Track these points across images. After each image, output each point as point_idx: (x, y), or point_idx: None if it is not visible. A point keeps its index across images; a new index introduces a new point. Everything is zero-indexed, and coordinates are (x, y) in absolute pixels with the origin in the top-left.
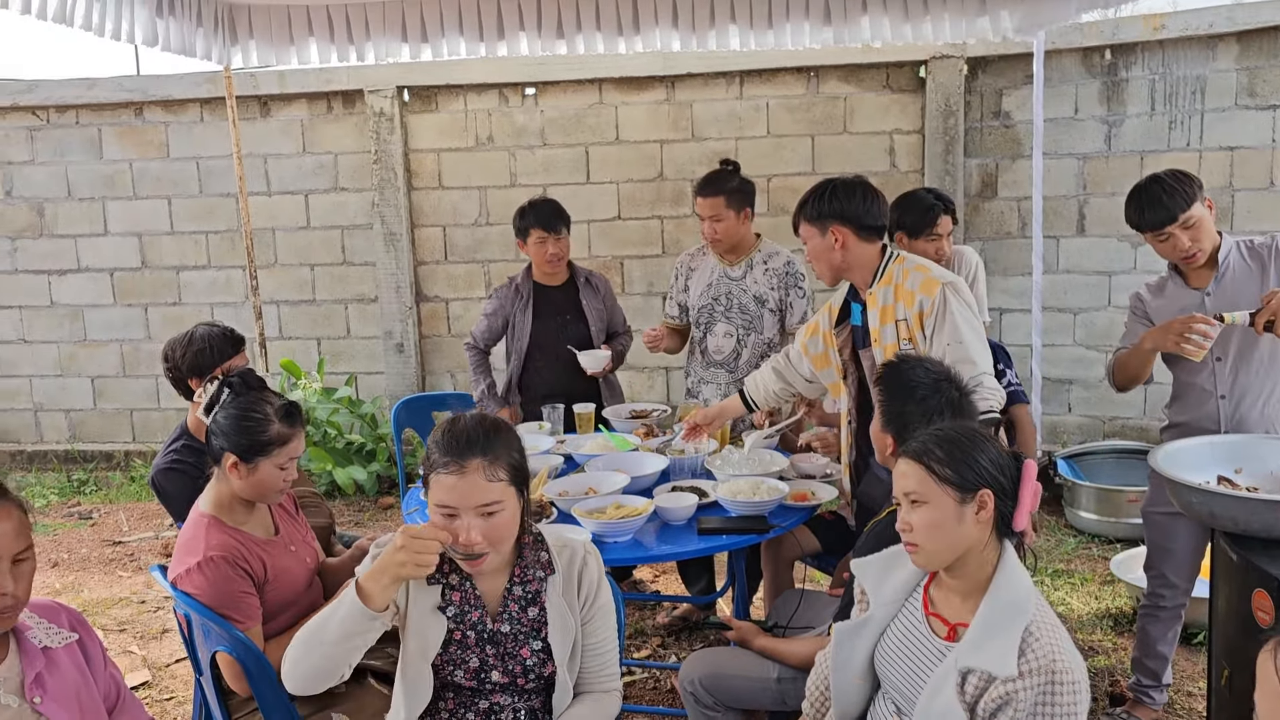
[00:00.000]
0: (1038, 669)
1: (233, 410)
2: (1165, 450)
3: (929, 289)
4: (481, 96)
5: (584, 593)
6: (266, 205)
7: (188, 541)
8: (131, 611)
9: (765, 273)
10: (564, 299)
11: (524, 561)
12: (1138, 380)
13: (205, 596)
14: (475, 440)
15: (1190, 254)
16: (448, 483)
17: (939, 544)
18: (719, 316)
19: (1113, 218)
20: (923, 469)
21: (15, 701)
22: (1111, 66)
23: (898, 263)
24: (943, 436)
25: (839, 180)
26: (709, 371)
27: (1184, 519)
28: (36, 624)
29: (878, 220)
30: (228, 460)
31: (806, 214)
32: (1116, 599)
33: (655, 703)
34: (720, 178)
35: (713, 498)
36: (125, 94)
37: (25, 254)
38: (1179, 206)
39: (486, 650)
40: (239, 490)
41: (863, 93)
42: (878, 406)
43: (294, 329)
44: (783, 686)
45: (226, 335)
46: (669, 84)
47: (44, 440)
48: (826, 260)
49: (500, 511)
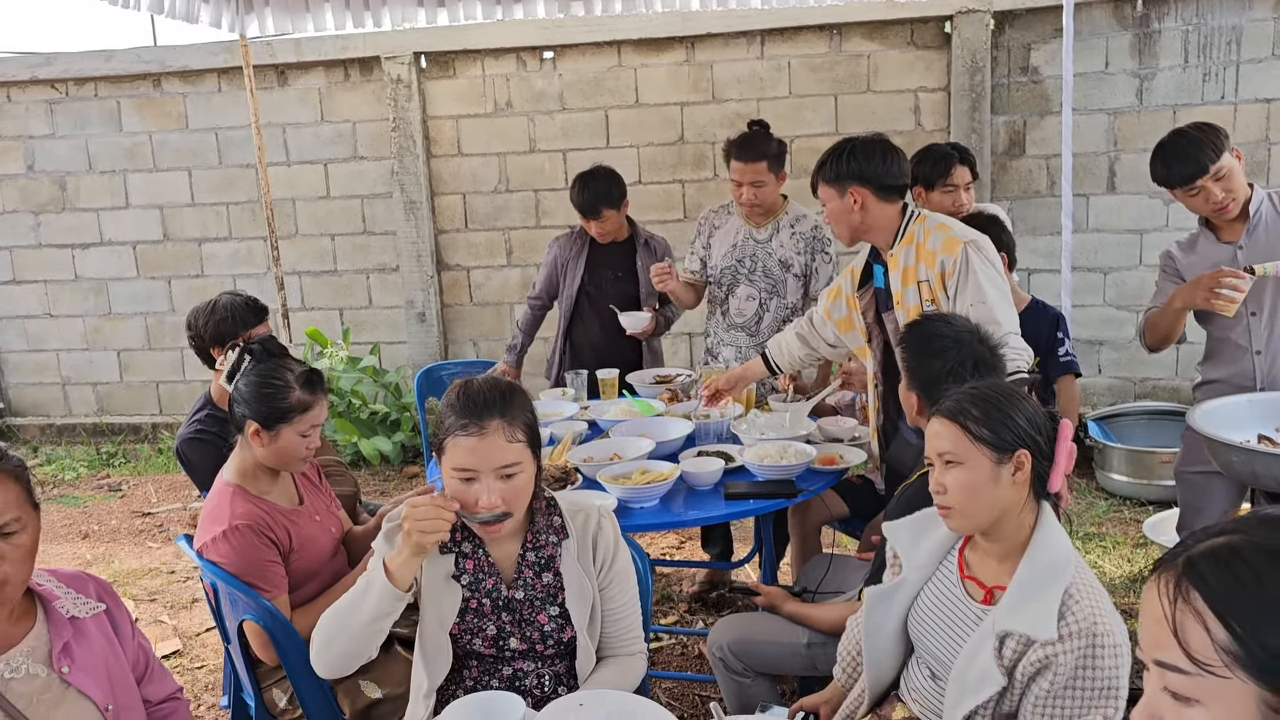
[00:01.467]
0: (1078, 632)
1: (254, 377)
2: (1203, 409)
3: (950, 248)
4: (499, 61)
5: (600, 557)
6: (286, 175)
7: (212, 510)
8: (161, 581)
9: (792, 236)
10: (619, 256)
11: (535, 527)
12: (1169, 340)
13: (231, 565)
14: (493, 402)
15: (1223, 205)
16: (467, 445)
17: (975, 506)
18: (742, 279)
19: (1144, 174)
20: (958, 428)
21: (43, 671)
22: (1144, 18)
23: (918, 222)
24: (978, 395)
25: (857, 139)
26: (730, 334)
27: (1218, 478)
28: (64, 594)
29: (898, 180)
30: (250, 427)
31: (824, 175)
32: (1149, 562)
33: (683, 668)
34: (759, 140)
35: (739, 462)
36: (143, 65)
37: (49, 228)
38: (1209, 158)
39: (503, 617)
40: (262, 458)
41: (887, 50)
42: (902, 366)
43: (316, 300)
44: (813, 652)
45: (249, 304)
46: (689, 45)
47: (72, 414)
48: (845, 222)
49: (520, 473)
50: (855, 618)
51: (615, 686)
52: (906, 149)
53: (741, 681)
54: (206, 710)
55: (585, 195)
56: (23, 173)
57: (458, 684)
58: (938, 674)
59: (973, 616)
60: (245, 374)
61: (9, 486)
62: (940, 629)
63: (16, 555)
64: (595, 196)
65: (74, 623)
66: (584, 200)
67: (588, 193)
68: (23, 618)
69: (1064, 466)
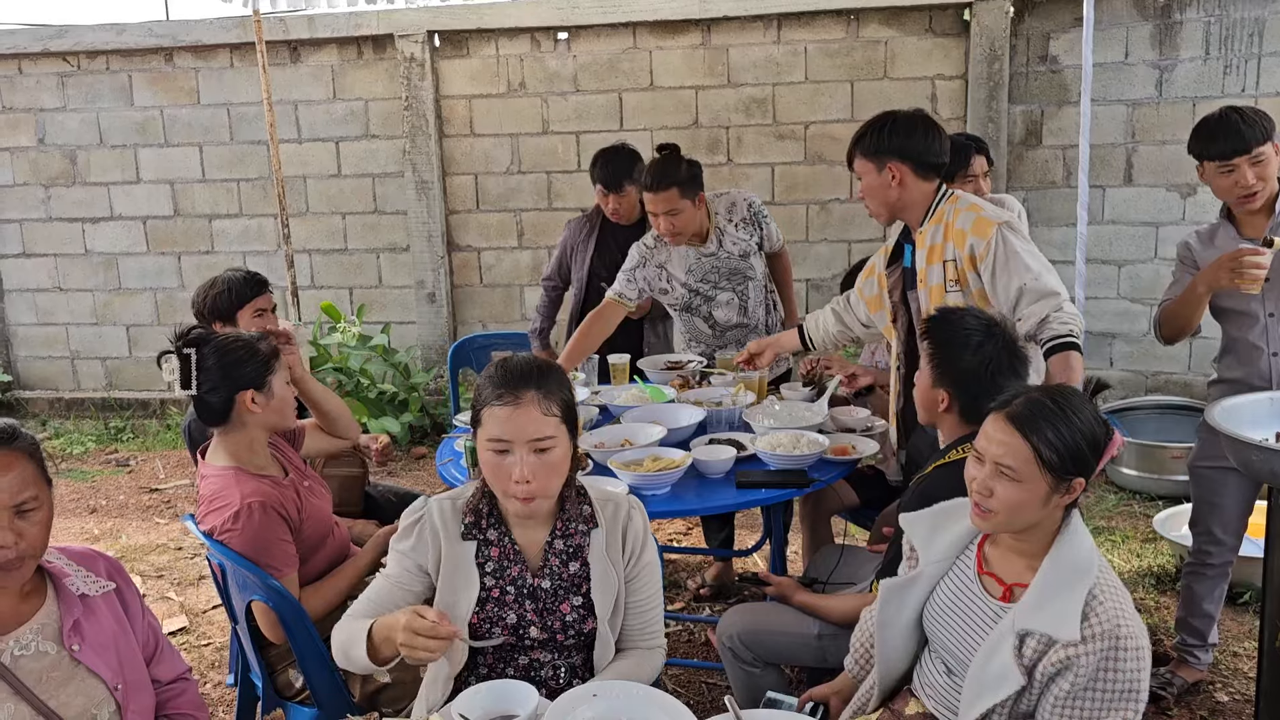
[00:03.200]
0: (1101, 634)
1: (215, 357)
2: (1223, 405)
3: (982, 230)
4: (513, 41)
5: (629, 548)
6: (297, 153)
7: (218, 493)
8: (169, 558)
9: (736, 227)
10: (629, 238)
11: (566, 515)
12: (1186, 330)
13: (245, 546)
14: (530, 374)
15: (1251, 190)
16: (502, 414)
17: (1018, 519)
18: (716, 290)
19: (1162, 166)
20: (1029, 447)
21: (53, 648)
22: (1165, 8)
23: (949, 201)
24: (1052, 410)
25: (899, 114)
26: (723, 337)
27: (1233, 474)
28: (75, 571)
29: (939, 157)
30: (244, 400)
31: (863, 148)
32: (1159, 557)
33: (690, 655)
34: (667, 167)
35: (751, 450)
36: (155, 39)
37: (59, 202)
38: (1255, 138)
39: (525, 605)
40: (265, 424)
41: (904, 36)
42: (928, 362)
43: (326, 278)
44: (823, 643)
45: (247, 278)
46: (704, 28)
47: (81, 388)
48: (882, 198)
49: (554, 448)
50: (869, 609)
51: (632, 679)
52: None
53: (750, 671)
54: (213, 689)
55: (610, 169)
56: (33, 146)
57: (470, 671)
58: (953, 669)
59: (990, 613)
60: (202, 365)
61: (25, 464)
62: (956, 624)
63: (33, 532)
64: (619, 170)
65: (84, 600)
66: (608, 174)
67: (612, 166)
68: (33, 595)
69: (1097, 474)
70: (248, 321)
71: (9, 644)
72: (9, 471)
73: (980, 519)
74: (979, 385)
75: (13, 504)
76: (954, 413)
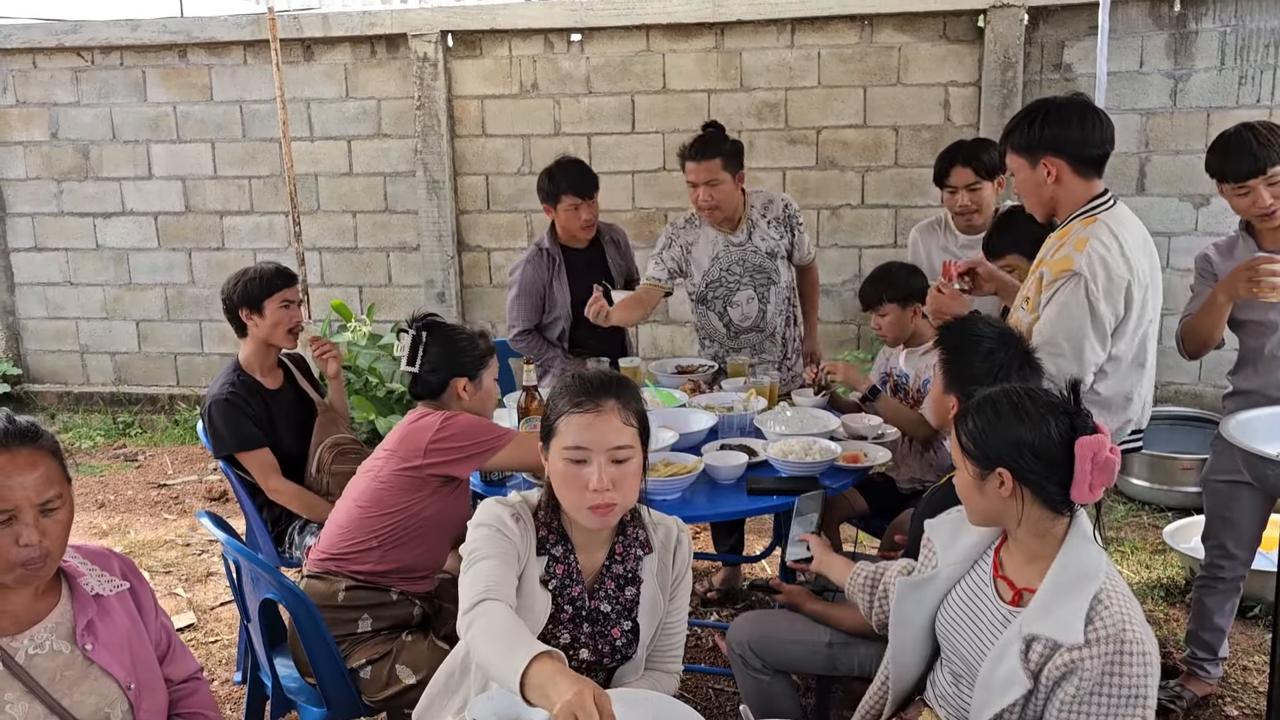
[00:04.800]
0: (1106, 638)
1: (440, 344)
2: (1238, 419)
3: (1061, 266)
4: (526, 42)
5: (675, 573)
6: (309, 150)
7: (419, 418)
8: (177, 554)
9: (769, 224)
10: (592, 260)
11: (626, 539)
12: (1210, 344)
13: (460, 429)
14: (609, 385)
15: (1270, 210)
16: (582, 422)
17: (970, 506)
18: (737, 286)
19: (1175, 176)
20: (956, 441)
21: (67, 648)
22: (1180, 18)
23: (1085, 223)
24: (985, 402)
25: (1053, 101)
26: (738, 339)
27: (1247, 487)
28: (89, 570)
29: (1099, 149)
30: (457, 385)
31: (1014, 142)
32: (1168, 569)
33: (697, 660)
34: (712, 140)
35: (763, 457)
36: (169, 35)
37: (71, 196)
38: (1270, 159)
39: (582, 628)
40: (469, 410)
41: (918, 43)
42: (940, 368)
43: (336, 276)
44: (834, 651)
45: (277, 270)
46: (718, 31)
47: (90, 382)
48: (1037, 195)
49: (631, 459)
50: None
51: None
52: (935, 144)
53: (760, 679)
54: (220, 685)
55: (578, 177)
56: (46, 140)
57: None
58: (961, 677)
59: (1000, 617)
60: (429, 347)
61: (49, 464)
62: (967, 627)
63: (56, 531)
64: (583, 174)
65: (98, 600)
66: (578, 182)
67: (578, 174)
68: (47, 593)
69: (1089, 480)
70: (274, 310)
71: (23, 643)
72: (34, 470)
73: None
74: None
75: (39, 502)
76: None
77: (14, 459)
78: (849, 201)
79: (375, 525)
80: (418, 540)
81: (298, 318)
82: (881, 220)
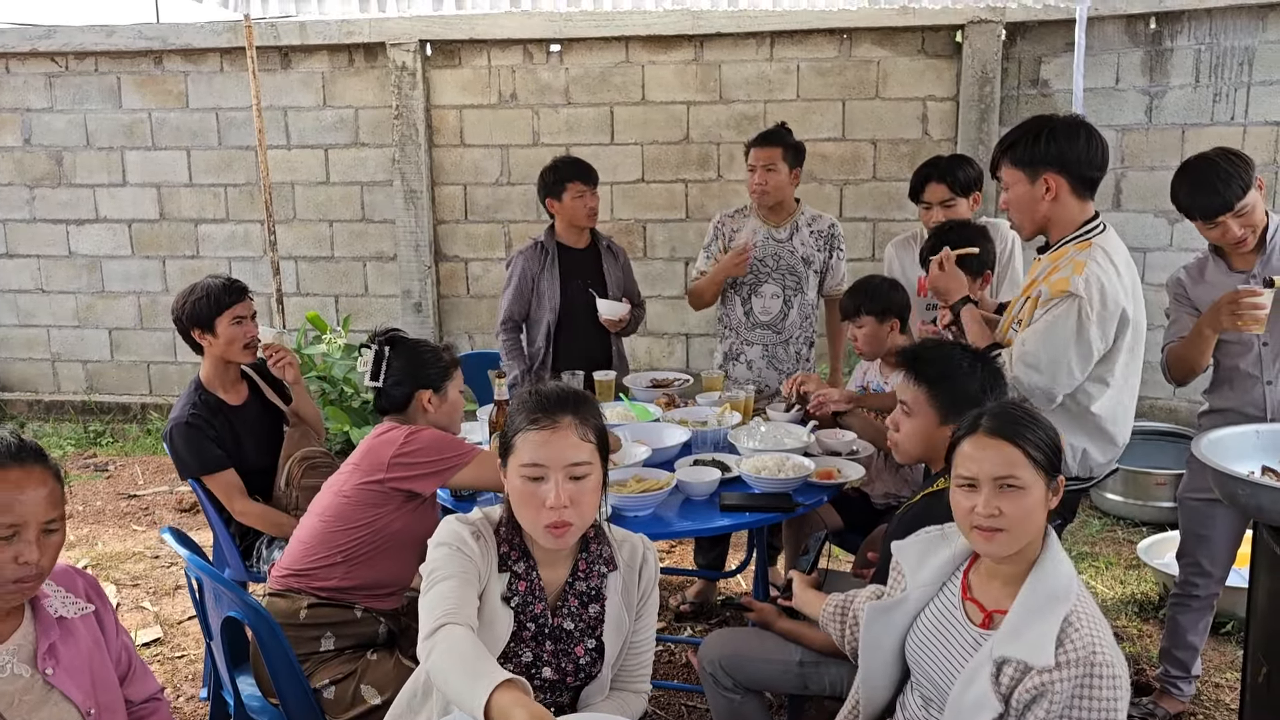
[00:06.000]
0: (1076, 660)
1: (403, 357)
2: (1210, 438)
3: (1059, 286)
4: (505, 53)
5: (641, 591)
6: (285, 159)
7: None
8: (145, 566)
9: (811, 234)
10: (587, 262)
11: (589, 555)
12: (1196, 370)
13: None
14: (566, 400)
15: (1241, 239)
16: (538, 439)
17: (1028, 530)
18: (766, 277)
19: (1150, 192)
20: (1020, 453)
21: (27, 671)
22: (1156, 35)
23: (1080, 247)
24: (1020, 415)
25: (1059, 119)
26: (754, 333)
27: (1221, 506)
28: (54, 592)
29: (1098, 171)
30: (422, 398)
31: (1015, 156)
32: (1142, 584)
33: (669, 677)
34: (777, 132)
35: (736, 472)
36: (145, 42)
37: (44, 203)
38: (1235, 194)
39: (544, 646)
40: (435, 423)
41: (896, 57)
42: (930, 403)
43: (312, 285)
44: (805, 670)
45: (226, 285)
46: (697, 44)
47: (61, 390)
48: (1030, 212)
49: (588, 476)
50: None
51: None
52: (913, 158)
53: (731, 698)
54: (185, 702)
55: (578, 166)
56: (19, 146)
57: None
58: (931, 700)
59: (970, 640)
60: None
61: (53, 485)
62: (936, 650)
63: (50, 553)
64: (587, 167)
65: (61, 623)
66: (583, 170)
67: (577, 163)
68: (11, 615)
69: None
70: (226, 328)
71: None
72: (42, 487)
73: (988, 542)
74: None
75: (44, 520)
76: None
77: (28, 475)
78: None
79: (339, 540)
80: (383, 556)
81: (253, 332)
82: (860, 233)
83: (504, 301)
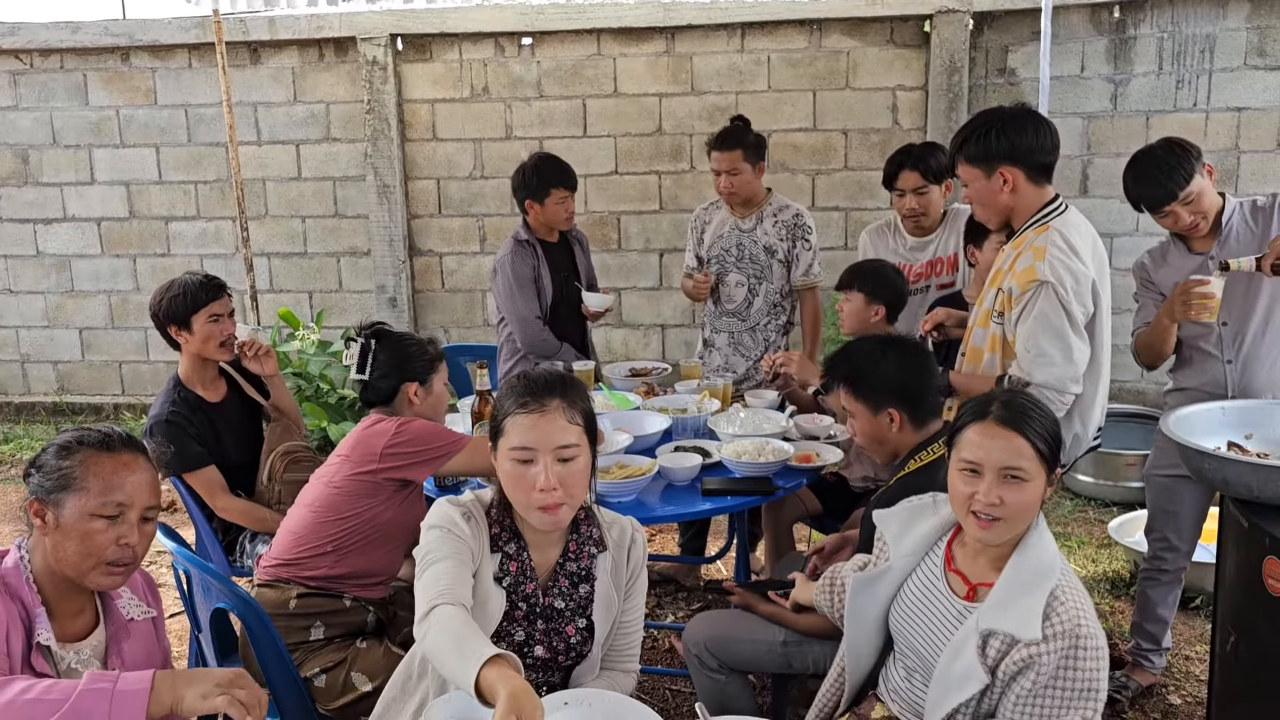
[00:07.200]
0: (1062, 633)
1: (388, 350)
2: (1176, 415)
3: (1026, 278)
4: (477, 46)
5: (629, 572)
6: (257, 155)
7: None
8: None
9: (775, 224)
10: (563, 256)
11: (579, 536)
12: (1164, 355)
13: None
14: (554, 384)
15: (1193, 225)
16: (527, 422)
17: (1024, 522)
18: (730, 266)
19: (1116, 178)
20: (1028, 444)
21: (97, 667)
22: (1120, 23)
23: (1038, 231)
24: (1028, 406)
25: (1005, 112)
26: (722, 320)
27: (1188, 481)
28: (124, 593)
29: (1050, 156)
30: (408, 390)
31: (968, 153)
32: (1114, 562)
33: (654, 662)
34: (736, 132)
35: (717, 458)
36: (111, 38)
37: (10, 202)
38: (1178, 184)
39: (536, 625)
40: (420, 415)
41: (866, 47)
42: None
43: (285, 282)
44: (788, 650)
45: (202, 282)
46: (669, 36)
47: (31, 392)
48: (993, 204)
49: (577, 458)
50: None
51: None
52: (884, 148)
53: (716, 679)
54: None
55: (561, 170)
56: None
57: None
58: (914, 671)
59: (954, 612)
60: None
61: (155, 475)
62: (920, 622)
63: (145, 542)
64: (568, 170)
65: (130, 625)
66: (563, 175)
67: (561, 165)
68: (89, 612)
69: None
70: (203, 325)
71: (69, 654)
72: (148, 473)
73: (984, 530)
74: (914, 385)
75: (146, 505)
76: (906, 426)
77: (137, 460)
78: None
79: (329, 530)
80: (372, 546)
81: (230, 330)
82: (832, 222)
83: (517, 305)
